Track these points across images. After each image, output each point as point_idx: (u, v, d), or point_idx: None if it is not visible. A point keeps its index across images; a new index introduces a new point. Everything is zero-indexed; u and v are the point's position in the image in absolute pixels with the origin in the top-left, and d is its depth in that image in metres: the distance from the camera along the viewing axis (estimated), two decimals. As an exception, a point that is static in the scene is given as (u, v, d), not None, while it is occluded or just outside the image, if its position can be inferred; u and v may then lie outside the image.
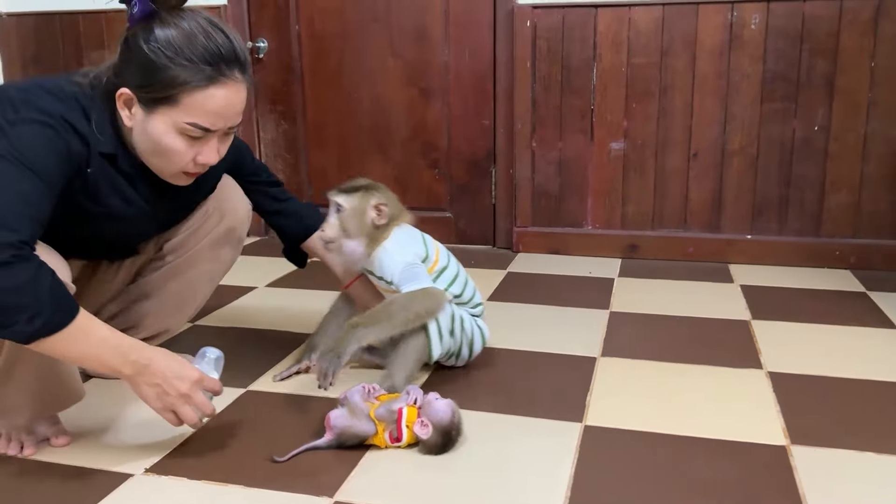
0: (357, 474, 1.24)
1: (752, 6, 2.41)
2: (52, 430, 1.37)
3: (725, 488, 1.19)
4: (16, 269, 1.05)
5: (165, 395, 1.21)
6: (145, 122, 1.22)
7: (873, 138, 2.40)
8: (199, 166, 1.28)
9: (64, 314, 1.10)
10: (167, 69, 1.17)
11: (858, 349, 1.78)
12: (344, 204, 1.53)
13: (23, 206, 1.09)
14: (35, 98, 1.20)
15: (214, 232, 1.57)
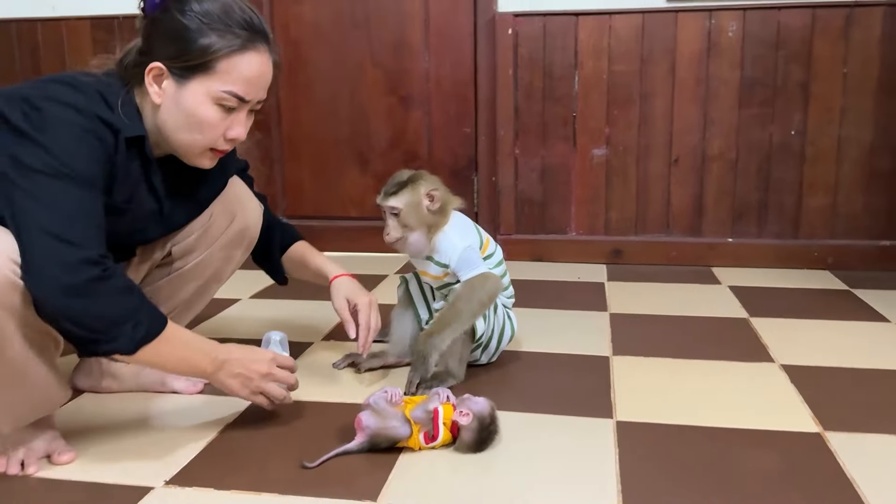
0: (395, 477, 1.19)
1: (729, 14, 2.47)
2: (53, 445, 1.26)
3: (776, 477, 1.18)
4: (109, 284, 1.08)
5: (249, 380, 1.27)
6: (178, 95, 1.19)
7: (847, 142, 2.48)
8: (228, 142, 1.26)
9: (159, 319, 1.14)
10: (204, 35, 1.16)
11: (860, 341, 1.81)
12: (398, 205, 1.52)
13: (85, 220, 1.09)
14: (52, 91, 1.14)
15: (226, 234, 1.49)
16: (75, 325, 1.07)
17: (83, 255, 1.06)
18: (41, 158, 1.08)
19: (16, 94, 1.14)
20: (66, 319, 1.07)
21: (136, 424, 1.40)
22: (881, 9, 2.38)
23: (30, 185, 1.07)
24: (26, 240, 1.06)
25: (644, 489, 1.14)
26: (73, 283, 1.04)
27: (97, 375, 1.52)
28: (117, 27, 2.83)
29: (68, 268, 1.04)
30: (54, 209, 1.06)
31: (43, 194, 1.07)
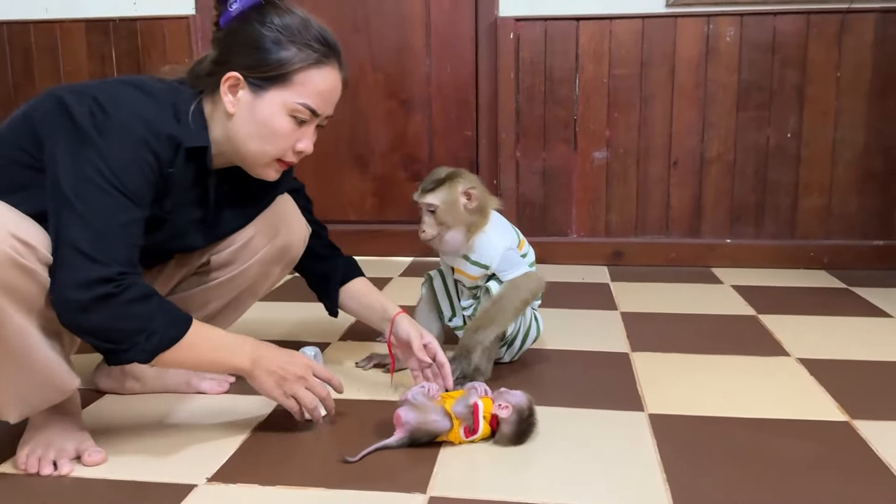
0: (440, 470, 1.19)
1: (726, 19, 2.52)
2: (84, 446, 1.23)
3: (814, 463, 1.20)
4: (121, 299, 1.08)
5: (284, 380, 1.25)
6: (253, 105, 1.22)
7: (841, 144, 2.55)
8: (295, 155, 1.28)
9: (178, 327, 1.15)
10: (283, 47, 1.20)
11: (868, 335, 1.86)
12: (435, 202, 1.52)
13: (117, 237, 1.10)
14: (121, 95, 1.16)
15: (267, 249, 1.46)
16: (92, 337, 1.11)
17: (100, 274, 1.07)
18: (95, 165, 1.09)
19: (87, 91, 1.15)
20: (83, 332, 1.11)
21: (163, 425, 1.38)
22: (873, 15, 2.45)
23: (75, 193, 1.08)
24: (56, 249, 1.09)
25: (689, 477, 1.15)
26: (82, 301, 1.06)
27: (119, 377, 1.50)
28: (113, 30, 2.80)
29: (82, 285, 1.06)
30: (89, 223, 1.07)
31: (84, 206, 1.08)
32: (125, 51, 2.80)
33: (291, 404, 1.27)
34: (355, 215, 2.85)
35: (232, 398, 1.49)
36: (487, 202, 1.58)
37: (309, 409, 1.29)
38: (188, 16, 2.76)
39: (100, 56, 2.81)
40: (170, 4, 2.78)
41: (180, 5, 2.78)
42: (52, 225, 1.09)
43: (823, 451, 1.24)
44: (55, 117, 1.14)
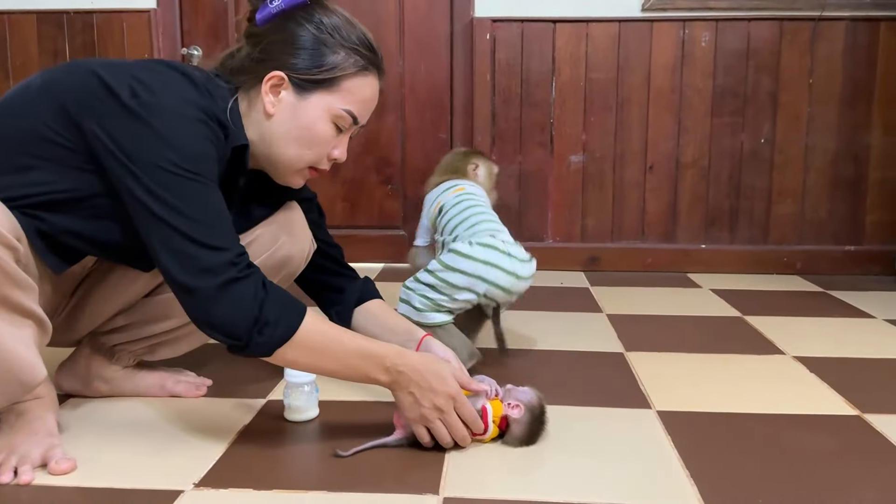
0: (450, 470, 1.10)
1: (702, 24, 2.53)
2: (51, 453, 1.10)
3: (834, 455, 1.16)
4: (245, 283, 1.04)
5: (419, 405, 1.13)
6: (296, 107, 1.16)
7: (813, 150, 2.57)
8: (329, 162, 1.23)
9: (292, 314, 1.07)
10: (335, 51, 1.15)
11: (856, 334, 1.85)
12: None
13: (219, 218, 1.06)
14: (162, 76, 1.08)
15: (266, 257, 1.31)
16: (219, 332, 1.05)
17: (223, 259, 1.03)
18: (163, 154, 1.02)
19: (122, 69, 1.08)
20: (212, 326, 1.05)
21: (138, 429, 1.25)
22: (843, 23, 2.49)
23: (159, 185, 1.02)
24: (164, 244, 1.03)
25: (714, 472, 1.10)
26: (211, 287, 1.02)
27: (84, 377, 1.36)
28: (66, 22, 2.65)
29: (207, 271, 1.03)
30: (188, 214, 1.03)
31: (175, 197, 1.02)
32: (80, 44, 2.66)
33: (421, 433, 1.14)
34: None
35: (210, 402, 1.38)
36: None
37: (442, 443, 1.15)
38: (149, 9, 2.64)
39: (52, 50, 2.66)
40: (129, -2, 2.65)
41: (141, -1, 2.65)
42: (144, 219, 1.04)
43: (842, 443, 1.20)
44: (94, 96, 1.05)
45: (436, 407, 1.12)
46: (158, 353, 1.37)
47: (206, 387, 1.42)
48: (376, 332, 1.36)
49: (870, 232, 2.58)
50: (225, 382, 1.45)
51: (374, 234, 2.75)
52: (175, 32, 2.69)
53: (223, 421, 1.28)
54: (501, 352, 1.58)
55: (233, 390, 1.43)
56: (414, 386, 1.12)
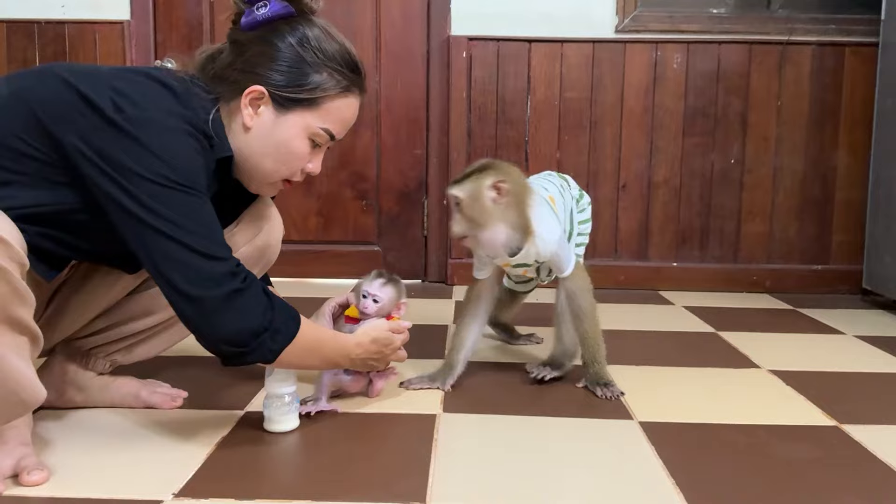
0: (437, 479, 1.09)
1: (674, 46, 2.58)
2: (24, 462, 1.06)
3: (819, 464, 1.17)
4: (249, 294, 1.06)
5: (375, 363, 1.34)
6: (275, 123, 1.15)
7: (781, 171, 2.63)
8: (302, 175, 1.23)
9: (293, 321, 1.13)
10: (318, 71, 1.14)
11: (828, 350, 1.88)
12: (459, 194, 1.37)
13: (214, 231, 1.06)
14: (148, 89, 1.06)
15: (247, 247, 1.34)
16: (225, 343, 1.07)
17: (224, 269, 1.05)
18: (151, 167, 1.01)
19: (98, 78, 1.05)
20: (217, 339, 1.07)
21: (113, 439, 1.22)
22: (810, 48, 2.56)
23: (152, 198, 1.01)
24: (164, 257, 1.03)
25: (699, 481, 1.10)
26: (216, 297, 1.03)
27: (59, 386, 1.32)
28: (37, 32, 2.61)
29: (210, 281, 1.03)
30: (184, 226, 1.02)
31: (169, 209, 1.02)
32: (51, 54, 2.61)
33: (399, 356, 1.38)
34: (297, 235, 2.72)
35: (186, 412, 1.35)
36: (525, 196, 1.39)
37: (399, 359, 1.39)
38: (122, 21, 2.61)
39: (22, 59, 2.62)
40: (102, 8, 2.62)
41: (114, 10, 2.62)
42: (138, 234, 1.03)
43: (823, 452, 1.22)
44: (75, 110, 1.02)
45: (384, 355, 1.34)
46: (135, 354, 1.35)
47: (182, 398, 1.39)
48: None
49: (836, 251, 2.64)
50: (201, 394, 1.42)
51: (348, 250, 2.73)
52: (149, 44, 2.66)
53: (201, 431, 1.25)
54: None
55: (209, 402, 1.39)
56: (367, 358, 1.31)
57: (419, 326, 2.03)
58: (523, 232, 1.39)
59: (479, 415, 1.36)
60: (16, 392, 0.98)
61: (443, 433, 1.27)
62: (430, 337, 1.93)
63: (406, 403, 1.41)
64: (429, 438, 1.24)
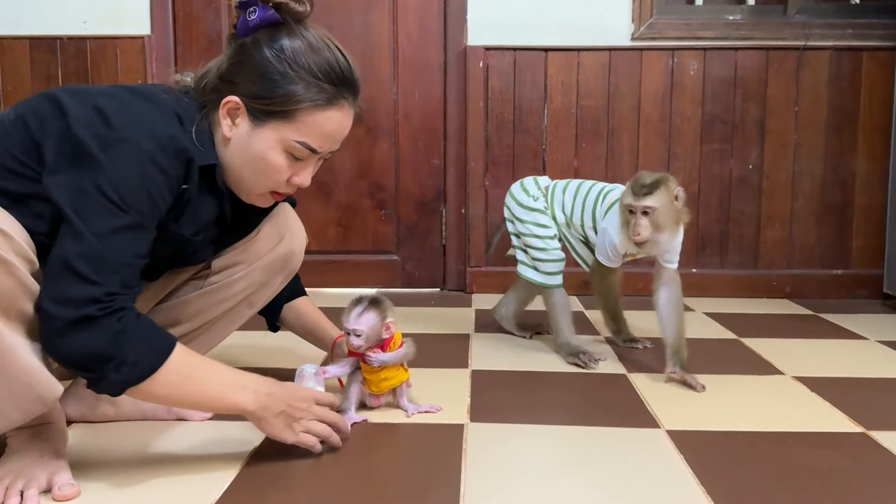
0: (469, 492, 1.09)
1: (690, 53, 2.59)
2: (57, 478, 1.08)
3: (847, 471, 1.17)
4: (101, 323, 0.99)
5: (293, 420, 1.16)
6: (250, 135, 1.13)
7: (800, 176, 2.62)
8: (290, 187, 1.19)
9: (155, 354, 1.04)
10: (291, 83, 1.11)
11: (852, 355, 1.88)
12: (655, 205, 1.56)
13: (115, 253, 1.01)
14: (125, 104, 1.06)
15: (270, 255, 1.36)
16: (68, 364, 1.01)
17: (87, 293, 0.98)
18: (95, 181, 1.00)
19: (88, 96, 1.05)
20: (59, 357, 1.01)
21: (145, 455, 1.24)
22: (827, 53, 2.56)
23: (73, 209, 1.00)
24: (48, 264, 1.00)
25: (729, 490, 1.10)
26: (64, 319, 0.98)
27: (92, 401, 1.35)
28: (59, 48, 2.65)
29: (65, 302, 0.98)
30: (86, 241, 0.99)
31: (83, 222, 0.99)
32: (73, 70, 2.65)
33: (306, 440, 1.18)
34: (317, 245, 2.74)
35: (217, 424, 1.36)
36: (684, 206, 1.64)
37: (326, 439, 1.20)
38: (143, 36, 2.65)
39: (45, 74, 2.66)
40: (123, 24, 2.66)
41: (135, 25, 2.66)
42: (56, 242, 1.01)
43: (853, 460, 1.22)
44: (51, 122, 1.04)
45: (304, 410, 1.17)
46: None
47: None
48: (298, 329, 1.58)
49: (856, 256, 2.63)
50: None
51: (367, 259, 2.75)
52: (169, 58, 2.69)
53: (232, 443, 1.27)
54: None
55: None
56: (283, 404, 1.14)
57: (440, 336, 2.04)
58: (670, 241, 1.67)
59: (507, 424, 1.37)
60: (31, 386, 0.99)
61: (471, 443, 1.28)
62: (451, 346, 1.94)
63: (433, 414, 1.42)
64: (458, 449, 1.25)
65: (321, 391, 1.26)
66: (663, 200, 1.57)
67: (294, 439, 1.16)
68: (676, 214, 1.60)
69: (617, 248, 1.76)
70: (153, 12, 2.65)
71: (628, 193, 1.62)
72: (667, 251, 1.69)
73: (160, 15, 2.65)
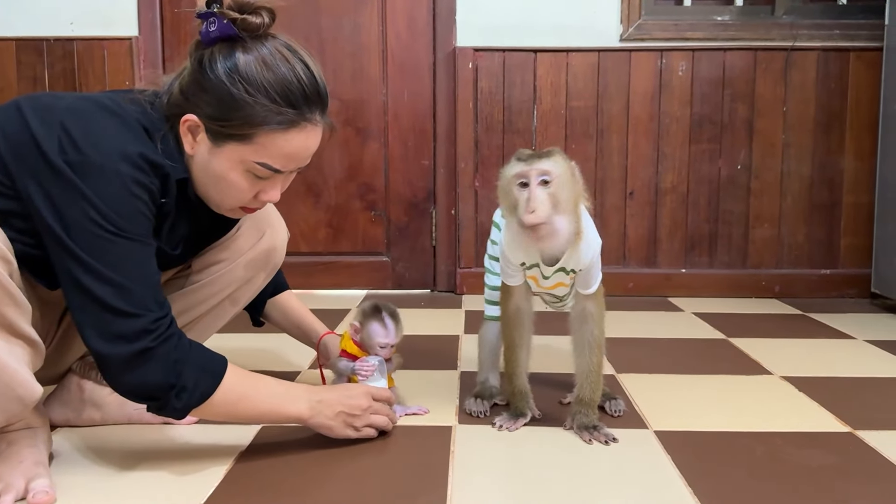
0: (455, 493, 1.09)
1: (679, 54, 2.60)
2: (35, 483, 1.06)
3: (835, 471, 1.18)
4: (156, 354, 1.03)
5: (352, 418, 1.23)
6: (210, 154, 1.11)
7: (788, 176, 2.63)
8: (258, 202, 1.17)
9: (210, 378, 1.09)
10: (247, 107, 1.06)
11: (839, 354, 1.89)
12: (552, 169, 1.17)
13: (137, 280, 1.03)
14: (93, 124, 1.03)
15: (252, 251, 1.36)
16: (135, 396, 1.07)
17: (136, 327, 1.02)
18: (87, 213, 1.00)
19: (53, 116, 1.03)
20: (129, 392, 1.07)
21: (131, 457, 1.22)
22: (815, 53, 2.57)
23: (79, 247, 1.00)
24: (81, 309, 1.02)
25: (717, 491, 1.10)
26: (124, 355, 1.02)
27: (76, 405, 1.34)
28: (46, 49, 2.63)
29: (120, 339, 1.02)
30: (106, 277, 1.00)
31: (95, 259, 1.01)
32: (60, 71, 2.64)
33: (368, 432, 1.26)
34: (307, 246, 2.74)
35: (204, 427, 1.35)
36: (580, 190, 1.23)
37: (388, 428, 1.30)
38: (131, 37, 2.63)
39: (31, 76, 2.64)
40: (111, 25, 2.65)
41: (122, 27, 2.65)
42: (65, 280, 1.03)
43: (839, 459, 1.22)
44: (24, 150, 1.01)
45: (363, 409, 1.24)
46: None
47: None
48: (284, 324, 1.57)
49: (845, 255, 2.64)
50: (218, 409, 1.43)
51: (357, 261, 2.75)
52: (157, 60, 2.68)
53: (219, 446, 1.26)
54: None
55: (226, 416, 1.40)
56: (338, 406, 1.22)
57: (430, 337, 2.04)
58: (574, 233, 1.23)
59: (495, 426, 1.37)
60: (11, 387, 0.99)
61: (460, 445, 1.27)
62: (440, 348, 1.94)
63: (421, 416, 1.42)
64: (446, 451, 1.25)
65: (377, 386, 1.32)
66: (562, 167, 1.19)
67: (356, 435, 1.24)
68: (577, 192, 1.21)
69: (508, 258, 1.31)
70: (141, 13, 2.64)
71: (514, 164, 1.21)
72: (581, 268, 1.29)
73: (148, 16, 2.64)
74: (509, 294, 1.37)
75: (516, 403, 1.39)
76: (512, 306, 1.37)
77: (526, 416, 1.38)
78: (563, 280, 1.32)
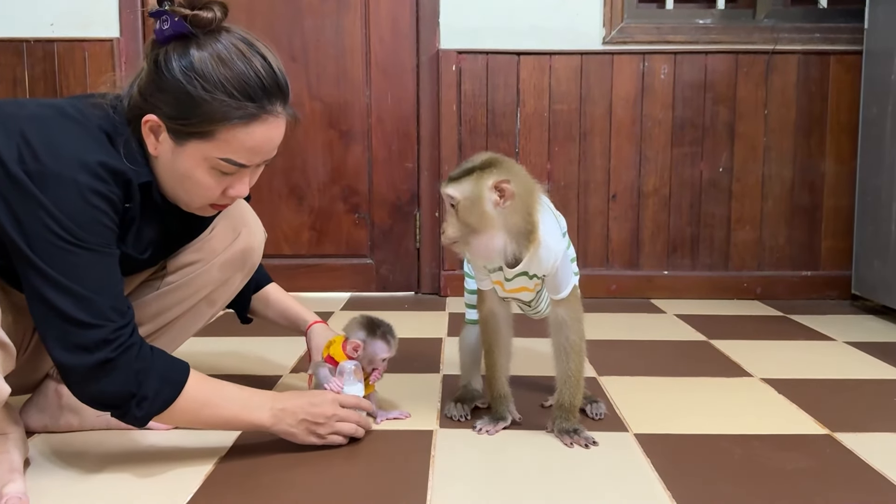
0: (435, 496, 1.09)
1: (661, 57, 2.61)
2: (7, 489, 1.05)
3: (812, 474, 1.19)
4: (118, 364, 1.04)
5: (316, 426, 1.22)
6: (174, 153, 1.10)
7: (770, 179, 2.65)
8: (227, 198, 1.17)
9: (171, 387, 1.09)
10: (205, 104, 1.05)
11: (819, 356, 1.90)
12: (456, 194, 1.20)
13: (98, 290, 1.03)
14: (52, 132, 1.03)
15: (227, 251, 1.35)
16: (98, 404, 1.08)
17: (96, 337, 1.02)
18: (46, 224, 1.00)
19: (14, 124, 1.02)
20: (92, 402, 1.08)
21: (109, 463, 1.21)
22: (796, 56, 2.60)
23: (39, 258, 1.00)
24: (43, 319, 1.03)
25: (695, 494, 1.11)
26: (86, 366, 1.03)
27: (54, 411, 1.32)
28: (26, 50, 2.61)
29: (80, 350, 1.02)
30: (66, 288, 1.01)
31: (55, 270, 1.01)
32: (40, 73, 2.62)
33: (333, 439, 1.25)
34: (291, 249, 2.73)
35: (183, 433, 1.34)
36: (531, 193, 1.23)
37: (357, 436, 1.28)
38: (112, 38, 2.62)
39: (11, 78, 2.62)
40: (91, 27, 2.63)
41: (103, 28, 2.63)
42: (28, 290, 1.03)
43: (817, 462, 1.23)
44: None
45: (327, 416, 1.23)
46: None
47: (178, 418, 1.39)
48: (272, 317, 1.56)
49: (825, 257, 2.67)
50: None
51: (341, 264, 2.74)
52: (139, 62, 2.66)
53: (198, 451, 1.25)
54: None
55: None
56: (301, 414, 1.21)
57: (413, 339, 2.04)
58: (527, 239, 1.22)
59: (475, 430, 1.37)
60: None
61: (440, 449, 1.27)
62: (423, 350, 1.94)
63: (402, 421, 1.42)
64: (426, 455, 1.25)
65: (352, 392, 1.31)
66: (470, 192, 1.19)
67: (321, 442, 1.24)
68: (493, 215, 1.19)
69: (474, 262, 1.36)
70: (122, 14, 2.62)
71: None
72: (545, 273, 1.28)
73: (129, 17, 2.63)
74: (483, 298, 1.39)
75: (497, 407, 1.39)
76: (486, 310, 1.38)
77: (506, 419, 1.38)
78: (526, 285, 1.32)
